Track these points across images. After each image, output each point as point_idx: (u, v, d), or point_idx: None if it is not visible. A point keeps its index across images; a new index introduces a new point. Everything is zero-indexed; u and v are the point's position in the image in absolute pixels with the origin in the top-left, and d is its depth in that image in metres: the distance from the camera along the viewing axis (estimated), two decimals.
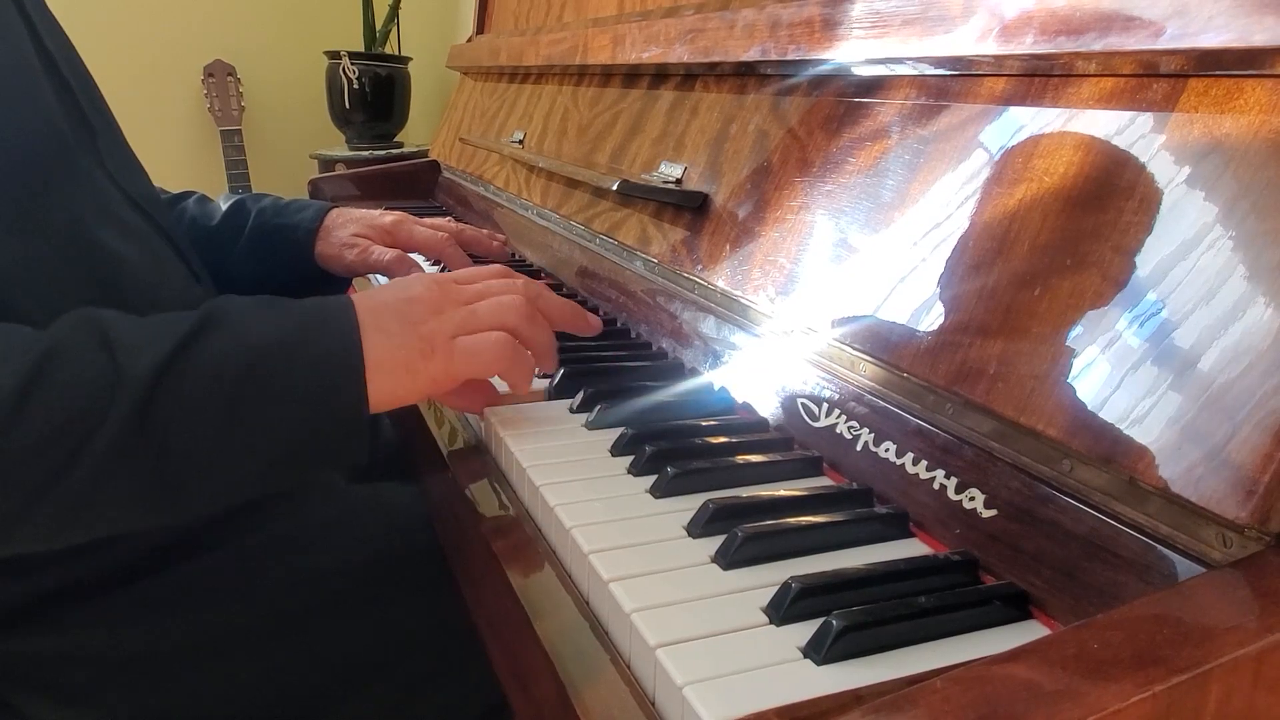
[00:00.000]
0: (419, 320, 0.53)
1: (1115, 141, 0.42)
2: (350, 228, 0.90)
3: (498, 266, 0.64)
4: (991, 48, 0.47)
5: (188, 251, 0.73)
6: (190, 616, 0.62)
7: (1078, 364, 0.40)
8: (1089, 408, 0.39)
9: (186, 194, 0.95)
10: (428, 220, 0.94)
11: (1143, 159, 0.41)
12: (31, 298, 0.54)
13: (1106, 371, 0.39)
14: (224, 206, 0.92)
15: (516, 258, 1.06)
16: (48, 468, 0.43)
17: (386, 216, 0.91)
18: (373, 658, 0.66)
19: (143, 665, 0.61)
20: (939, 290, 0.48)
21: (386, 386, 0.51)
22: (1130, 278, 0.39)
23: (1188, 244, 0.38)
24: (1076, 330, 0.41)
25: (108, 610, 0.60)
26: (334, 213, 0.92)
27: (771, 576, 0.40)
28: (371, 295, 0.55)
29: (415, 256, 0.92)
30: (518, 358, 0.56)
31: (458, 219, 1.32)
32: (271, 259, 0.89)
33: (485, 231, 0.98)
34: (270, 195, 0.96)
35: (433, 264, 0.99)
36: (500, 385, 0.63)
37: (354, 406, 0.50)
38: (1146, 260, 0.39)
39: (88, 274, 0.59)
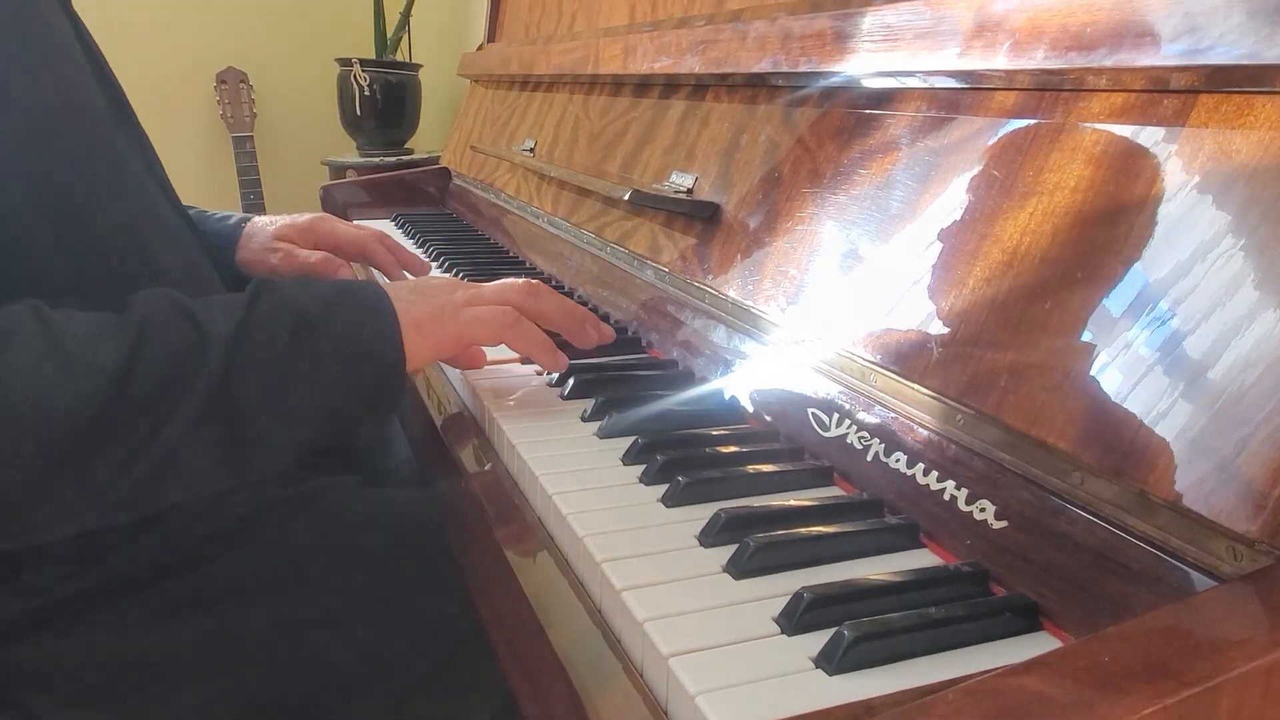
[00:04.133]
0: (432, 295, 0.61)
1: (1125, 156, 0.42)
2: (270, 229, 0.92)
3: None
4: (1002, 62, 0.47)
5: (215, 257, 0.75)
6: (201, 620, 0.62)
7: (1088, 377, 0.40)
8: (1099, 420, 0.39)
9: None
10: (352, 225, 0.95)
11: (1153, 174, 0.41)
12: (79, 299, 0.55)
13: (1117, 384, 0.39)
14: None
15: (528, 265, 1.06)
16: (150, 424, 0.48)
17: (303, 216, 0.94)
18: (384, 661, 0.66)
19: (155, 668, 0.61)
20: (949, 302, 0.48)
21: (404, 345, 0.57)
22: (1140, 291, 0.40)
23: (1197, 258, 0.38)
24: (1087, 343, 0.41)
25: (120, 614, 0.61)
26: (253, 220, 0.94)
27: (783, 586, 0.41)
28: (394, 283, 0.64)
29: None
30: (520, 326, 0.63)
31: (469, 226, 1.33)
32: None
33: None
34: (194, 208, 0.95)
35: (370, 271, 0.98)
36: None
37: (390, 355, 0.56)
38: (1156, 273, 0.39)
39: (127, 281, 0.59)
